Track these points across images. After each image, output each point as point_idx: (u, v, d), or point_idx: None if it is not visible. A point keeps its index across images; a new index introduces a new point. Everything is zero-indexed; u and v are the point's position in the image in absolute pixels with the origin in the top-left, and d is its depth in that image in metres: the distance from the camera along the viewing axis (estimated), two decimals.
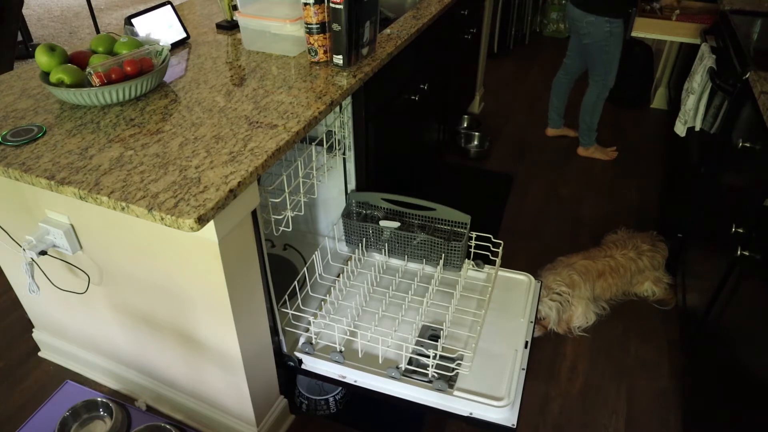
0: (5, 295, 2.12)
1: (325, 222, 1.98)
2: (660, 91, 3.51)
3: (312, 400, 1.67)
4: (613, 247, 2.10)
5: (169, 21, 1.75)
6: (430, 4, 2.14)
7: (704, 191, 1.94)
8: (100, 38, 1.51)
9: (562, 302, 1.92)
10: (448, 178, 2.86)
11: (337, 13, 1.47)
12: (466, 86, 3.10)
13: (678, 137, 2.29)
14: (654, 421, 1.71)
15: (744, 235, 1.44)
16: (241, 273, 1.26)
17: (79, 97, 1.34)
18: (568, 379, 1.84)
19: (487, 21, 3.16)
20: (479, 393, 1.41)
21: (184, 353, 1.48)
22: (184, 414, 1.68)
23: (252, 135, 1.25)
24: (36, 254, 1.33)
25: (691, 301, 1.86)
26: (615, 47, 2.60)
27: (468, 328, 1.60)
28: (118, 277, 1.40)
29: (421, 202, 1.70)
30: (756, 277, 1.34)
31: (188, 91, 1.46)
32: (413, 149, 2.32)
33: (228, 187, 1.08)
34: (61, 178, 1.11)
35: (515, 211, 2.62)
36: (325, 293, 1.70)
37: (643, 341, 1.97)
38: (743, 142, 1.58)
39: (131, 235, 1.26)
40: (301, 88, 1.47)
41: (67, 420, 1.54)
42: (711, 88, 1.96)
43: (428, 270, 1.80)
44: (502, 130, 3.29)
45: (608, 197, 2.72)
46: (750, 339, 1.31)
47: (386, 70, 1.73)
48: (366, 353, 1.53)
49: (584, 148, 3.01)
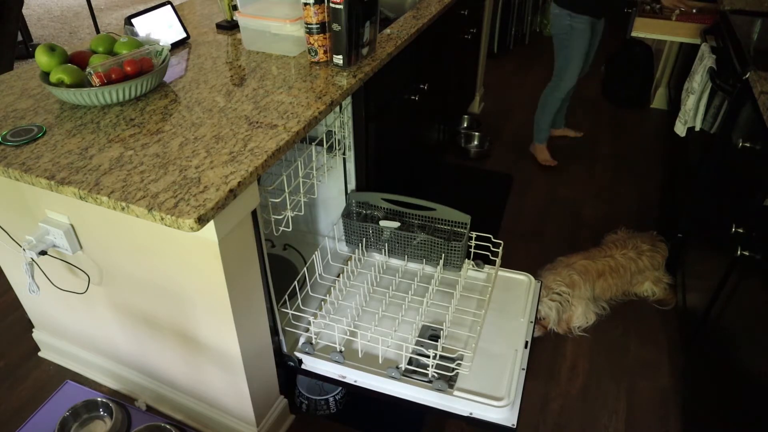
0: (5, 295, 2.12)
1: (325, 222, 1.98)
2: (660, 91, 3.51)
3: (312, 400, 1.67)
4: (613, 247, 2.10)
5: (169, 21, 1.75)
6: (430, 4, 2.14)
7: (704, 191, 1.94)
8: (100, 38, 1.51)
9: (562, 302, 1.92)
10: (448, 178, 2.86)
11: (337, 13, 1.47)
12: (466, 86, 3.10)
13: (678, 137, 2.29)
14: (654, 421, 1.71)
15: (744, 235, 1.44)
16: (241, 273, 1.26)
17: (79, 97, 1.34)
18: (568, 379, 1.84)
19: (487, 21, 3.16)
20: (479, 393, 1.41)
21: (184, 353, 1.48)
22: (184, 414, 1.68)
23: (252, 135, 1.25)
24: (36, 254, 1.33)
25: (691, 301, 1.86)
26: (577, 44, 2.53)
27: (468, 328, 1.60)
28: (118, 277, 1.40)
29: (421, 202, 1.70)
30: (756, 277, 1.34)
31: (188, 91, 1.46)
32: (413, 149, 2.32)
33: (228, 187, 1.08)
34: (61, 178, 1.11)
35: (515, 211, 2.62)
36: (325, 293, 1.70)
37: (643, 341, 1.97)
38: (743, 142, 1.58)
39: (131, 235, 1.26)
40: (301, 88, 1.47)
41: (67, 420, 1.54)
42: (711, 88, 1.96)
43: (428, 270, 1.80)
44: (502, 130, 3.29)
45: (608, 197, 2.72)
46: (750, 339, 1.31)
47: (386, 70, 1.73)
48: (366, 353, 1.53)
49: (533, 144, 2.98)
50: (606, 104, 2.84)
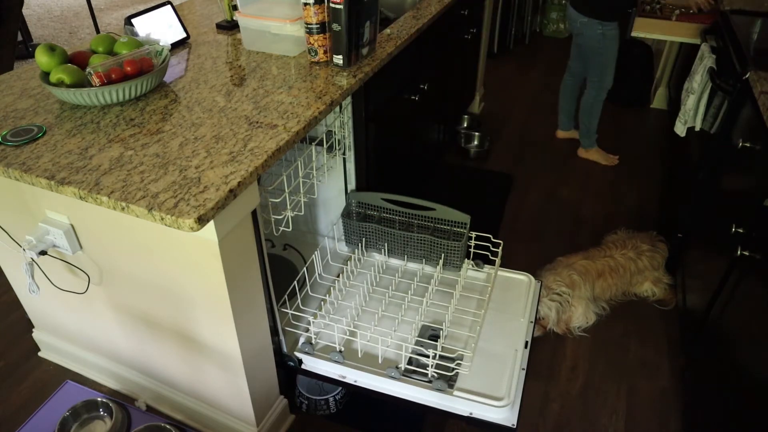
0: (5, 295, 2.12)
1: (325, 222, 1.98)
2: (660, 91, 3.51)
3: (312, 400, 1.67)
4: (613, 247, 2.10)
5: (169, 21, 1.75)
6: (430, 4, 2.14)
7: (704, 191, 1.94)
8: (100, 38, 1.51)
9: (562, 302, 1.92)
10: (448, 178, 2.86)
11: (337, 13, 1.47)
12: (466, 86, 3.10)
13: (678, 137, 2.29)
14: (654, 421, 1.71)
15: (744, 235, 1.44)
16: (241, 273, 1.26)
17: (79, 97, 1.34)
18: (568, 379, 1.84)
19: (487, 21, 3.16)
20: (479, 393, 1.41)
21: (184, 353, 1.48)
22: (184, 414, 1.68)
23: (252, 135, 1.25)
24: (36, 254, 1.33)
25: (691, 301, 1.86)
26: (609, 49, 2.60)
27: (468, 328, 1.60)
28: (118, 277, 1.40)
29: (421, 202, 1.70)
30: (756, 277, 1.34)
31: (188, 91, 1.46)
32: (413, 149, 2.32)
33: (228, 187, 1.08)
34: (61, 178, 1.11)
35: (515, 211, 2.62)
36: (325, 293, 1.70)
37: (643, 341, 1.97)
38: (743, 142, 1.58)
39: (131, 235, 1.26)
40: (301, 88, 1.47)
41: (67, 420, 1.54)
42: (711, 88, 1.96)
43: (428, 270, 1.80)
44: (502, 130, 3.29)
45: (608, 197, 2.72)
46: (750, 339, 1.31)
47: (386, 70, 1.73)
48: (366, 353, 1.53)
49: (584, 149, 3.01)
50: (606, 104, 2.85)
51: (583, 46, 2.70)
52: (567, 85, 2.99)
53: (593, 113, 2.85)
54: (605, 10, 2.50)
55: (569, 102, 3.06)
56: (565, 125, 3.16)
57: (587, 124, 2.90)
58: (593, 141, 2.96)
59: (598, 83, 2.73)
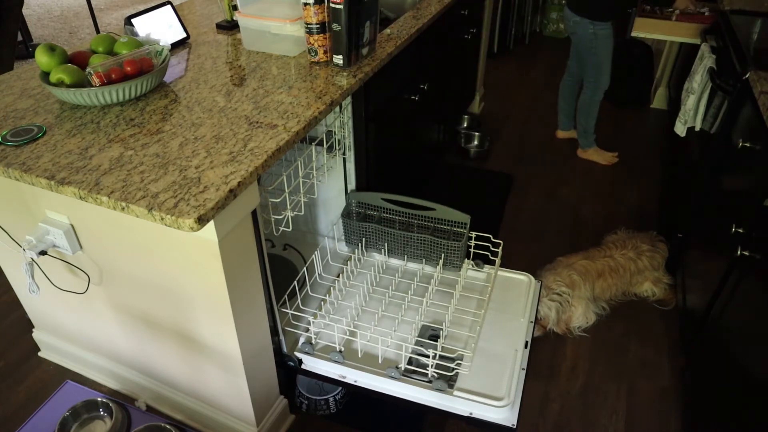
0: (5, 295, 2.12)
1: (325, 222, 1.98)
2: (660, 91, 3.51)
3: (312, 400, 1.67)
4: (613, 248, 2.10)
5: (169, 21, 1.75)
6: (430, 4, 2.14)
7: (704, 191, 1.94)
8: (100, 38, 1.51)
9: (562, 302, 1.92)
10: (448, 178, 2.86)
11: (337, 13, 1.47)
12: (466, 86, 3.10)
13: (678, 137, 2.29)
14: (654, 421, 1.71)
15: (744, 235, 1.44)
16: (241, 273, 1.26)
17: (79, 97, 1.34)
18: (568, 379, 1.84)
19: (487, 21, 3.16)
20: (479, 393, 1.41)
21: (184, 353, 1.48)
22: (184, 414, 1.68)
23: (252, 135, 1.25)
24: (36, 254, 1.33)
25: (691, 301, 1.86)
26: (602, 49, 2.60)
27: (468, 328, 1.60)
28: (118, 277, 1.40)
29: (421, 202, 1.70)
30: (756, 277, 1.34)
31: (188, 91, 1.46)
32: (413, 149, 2.32)
33: (228, 187, 1.08)
34: (61, 178, 1.11)
35: (515, 211, 2.62)
36: (325, 293, 1.70)
37: (643, 341, 1.97)
38: (743, 142, 1.58)
39: (131, 235, 1.26)
40: (301, 88, 1.47)
41: (67, 420, 1.54)
42: (711, 88, 1.96)
43: (428, 270, 1.80)
44: (502, 130, 3.29)
45: (608, 197, 2.72)
46: (750, 339, 1.31)
47: (386, 70, 1.73)
48: (366, 353, 1.53)
49: (582, 150, 3.01)
50: (606, 104, 2.86)
51: (577, 46, 2.71)
52: (566, 85, 2.99)
53: (590, 113, 2.84)
54: (597, 10, 2.50)
55: (568, 102, 3.07)
56: (565, 125, 3.17)
57: (584, 124, 2.90)
58: (591, 141, 2.96)
59: (594, 83, 2.73)
